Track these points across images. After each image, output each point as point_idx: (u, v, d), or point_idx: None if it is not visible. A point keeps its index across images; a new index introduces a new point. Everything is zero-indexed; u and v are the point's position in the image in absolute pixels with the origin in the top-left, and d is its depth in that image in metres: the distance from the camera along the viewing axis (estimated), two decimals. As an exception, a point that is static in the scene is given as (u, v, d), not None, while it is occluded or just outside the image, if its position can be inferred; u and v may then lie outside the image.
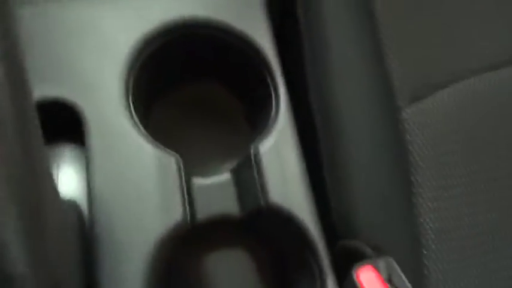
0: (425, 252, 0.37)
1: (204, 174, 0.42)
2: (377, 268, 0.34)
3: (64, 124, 0.35)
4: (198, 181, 0.41)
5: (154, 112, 0.46)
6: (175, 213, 0.33)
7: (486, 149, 0.41)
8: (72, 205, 0.32)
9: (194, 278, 0.43)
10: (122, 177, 0.33)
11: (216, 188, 0.41)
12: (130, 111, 0.35)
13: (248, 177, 0.37)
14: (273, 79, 0.39)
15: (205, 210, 0.40)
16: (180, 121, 0.47)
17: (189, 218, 0.35)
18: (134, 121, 0.35)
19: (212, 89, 0.48)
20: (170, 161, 0.34)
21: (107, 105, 0.34)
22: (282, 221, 0.36)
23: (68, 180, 0.35)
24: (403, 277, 0.33)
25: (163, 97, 0.47)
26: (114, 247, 0.31)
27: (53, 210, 0.24)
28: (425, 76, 0.42)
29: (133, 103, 0.36)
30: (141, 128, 0.35)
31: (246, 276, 0.43)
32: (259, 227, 0.42)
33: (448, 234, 0.37)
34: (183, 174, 0.34)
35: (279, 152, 0.36)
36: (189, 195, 0.39)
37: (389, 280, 0.34)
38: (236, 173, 0.41)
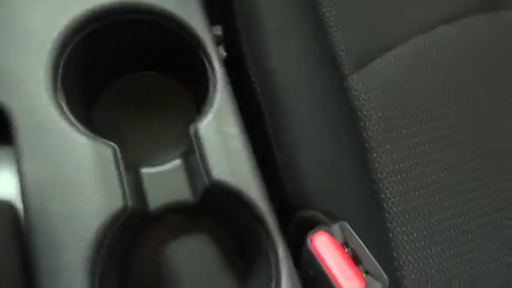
0: (387, 215, 0.37)
1: (157, 163, 0.41)
2: (331, 233, 0.33)
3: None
4: (149, 170, 0.40)
5: (100, 106, 0.45)
6: (115, 201, 0.32)
7: (438, 107, 0.40)
8: (4, 204, 0.30)
9: (156, 267, 0.42)
10: (56, 170, 0.32)
11: (168, 176, 0.40)
12: (60, 104, 0.34)
13: (194, 159, 0.36)
14: (208, 57, 0.38)
15: (159, 199, 0.40)
16: (129, 113, 0.46)
17: (132, 205, 0.34)
18: (65, 114, 0.34)
19: (158, 77, 0.47)
20: (106, 151, 0.33)
21: (34, 100, 0.33)
22: (230, 197, 0.35)
23: (2, 182, 0.34)
24: (358, 239, 0.32)
25: (109, 89, 0.46)
26: (51, 238, 0.30)
27: None
28: (369, 41, 0.41)
29: (64, 95, 0.35)
30: (73, 120, 0.34)
31: (209, 260, 0.43)
32: (214, 208, 0.41)
33: (408, 195, 0.37)
34: (120, 163, 0.33)
35: (218, 129, 0.35)
36: (137, 185, 0.39)
37: (346, 243, 0.33)
38: (185, 158, 0.41)
